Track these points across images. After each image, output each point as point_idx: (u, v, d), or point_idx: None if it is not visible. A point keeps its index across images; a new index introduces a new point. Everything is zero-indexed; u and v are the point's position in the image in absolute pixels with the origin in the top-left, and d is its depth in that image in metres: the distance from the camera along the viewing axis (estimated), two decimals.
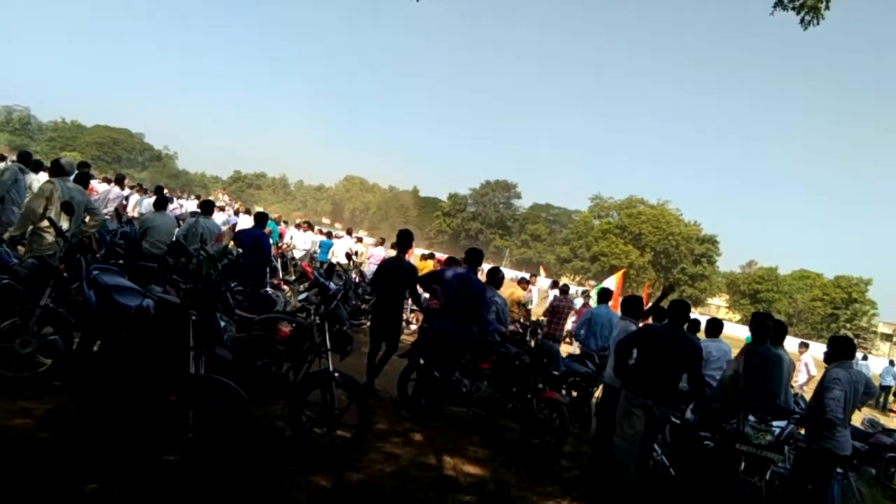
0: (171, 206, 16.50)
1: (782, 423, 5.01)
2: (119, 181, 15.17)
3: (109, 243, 8.69)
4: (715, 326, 9.04)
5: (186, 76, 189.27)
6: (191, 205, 21.04)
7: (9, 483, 3.54)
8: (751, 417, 5.02)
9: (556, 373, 7.08)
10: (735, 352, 6.74)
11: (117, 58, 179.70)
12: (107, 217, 10.94)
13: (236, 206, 27.79)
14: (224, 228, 12.02)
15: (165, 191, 25.52)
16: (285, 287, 11.22)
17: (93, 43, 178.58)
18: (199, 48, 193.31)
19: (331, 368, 5.08)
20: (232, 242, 10.22)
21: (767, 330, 6.09)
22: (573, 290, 17.03)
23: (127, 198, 15.32)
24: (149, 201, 13.31)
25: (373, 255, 15.88)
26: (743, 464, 4.98)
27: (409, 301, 9.89)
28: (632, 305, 7.20)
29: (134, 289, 4.58)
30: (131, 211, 14.85)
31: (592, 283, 18.22)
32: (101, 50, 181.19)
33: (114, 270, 4.92)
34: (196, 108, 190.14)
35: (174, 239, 8.87)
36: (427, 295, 9.71)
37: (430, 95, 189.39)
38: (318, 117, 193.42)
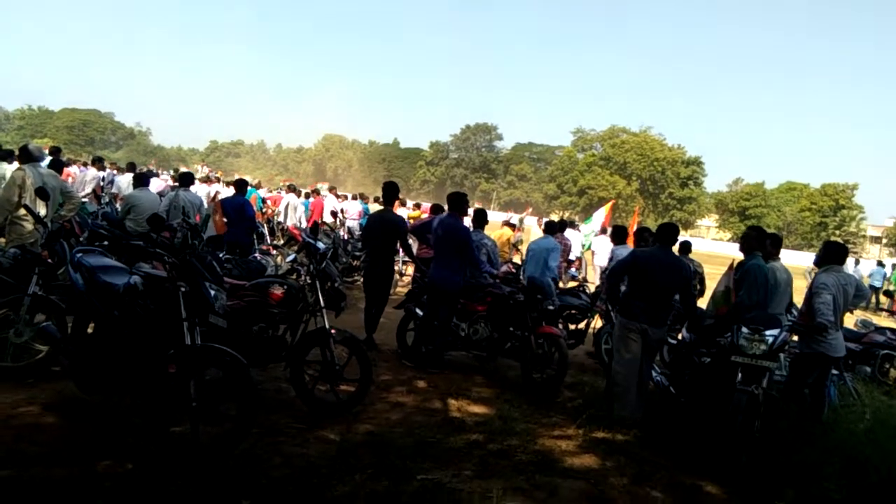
0: (158, 183, 16.31)
1: (775, 332, 5.09)
2: (97, 162, 14.92)
3: (91, 225, 8.61)
4: (684, 247, 9.23)
5: (148, 49, 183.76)
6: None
7: (21, 469, 3.58)
8: (744, 329, 5.09)
9: (551, 307, 7.15)
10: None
11: (75, 37, 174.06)
12: (84, 200, 10.81)
13: (217, 174, 27.43)
14: (205, 200, 11.88)
15: (152, 166, 25.10)
16: (275, 251, 11.19)
17: (46, 24, 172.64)
18: (157, 17, 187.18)
19: (327, 326, 5.12)
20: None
21: (751, 241, 6.15)
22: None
23: (111, 180, 15.08)
24: (122, 179, 13.10)
25: (347, 210, 15.75)
26: (740, 375, 5.08)
27: (402, 252, 9.91)
28: (620, 234, 7.25)
29: (120, 267, 4.56)
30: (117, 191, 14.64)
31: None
32: (58, 30, 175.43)
33: (97, 251, 4.88)
34: (162, 80, 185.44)
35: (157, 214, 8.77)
36: (417, 244, 9.73)
37: (400, 45, 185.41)
38: (289, 76, 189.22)
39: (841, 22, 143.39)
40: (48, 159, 8.25)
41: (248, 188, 12.52)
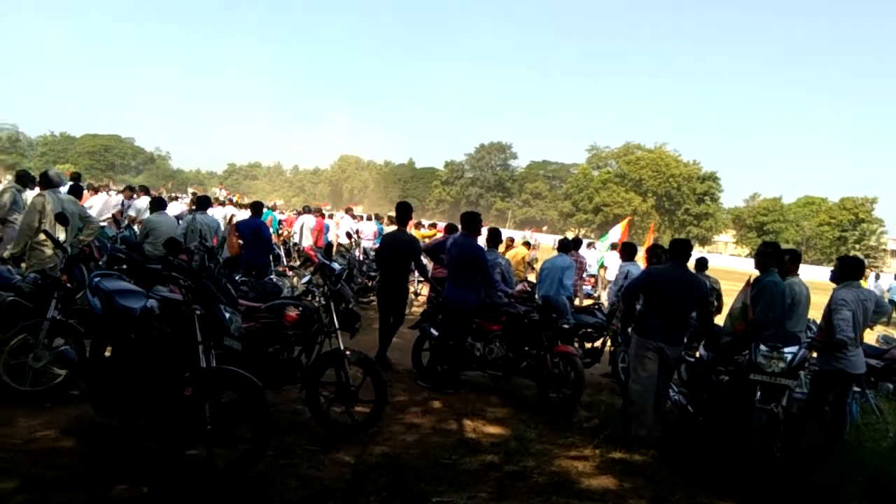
0: (178, 206, 16.46)
1: (794, 349, 5.02)
2: (127, 190, 15.03)
3: (111, 250, 8.72)
4: (700, 263, 9.25)
5: (167, 73, 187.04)
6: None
7: (39, 493, 3.60)
8: (762, 347, 5.02)
9: (566, 326, 7.11)
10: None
11: (97, 65, 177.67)
12: (104, 224, 10.95)
13: (234, 198, 27.72)
14: (222, 222, 12.00)
15: (163, 191, 25.48)
16: (290, 273, 11.26)
17: (69, 53, 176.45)
18: (175, 42, 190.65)
19: (342, 347, 5.13)
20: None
21: (766, 258, 6.08)
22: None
23: (123, 204, 15.25)
24: (139, 202, 13.26)
25: (363, 230, 15.82)
26: (759, 393, 5.00)
27: (417, 272, 9.93)
28: (629, 250, 7.25)
29: (137, 291, 4.62)
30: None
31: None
32: (81, 59, 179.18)
33: (115, 275, 4.96)
34: (182, 105, 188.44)
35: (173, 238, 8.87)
36: (432, 264, 9.74)
37: (414, 65, 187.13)
38: (305, 98, 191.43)
39: (855, 34, 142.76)
40: (68, 185, 8.40)
41: (265, 210, 12.66)
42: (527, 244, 15.22)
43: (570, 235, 23.14)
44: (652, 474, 4.91)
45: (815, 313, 6.46)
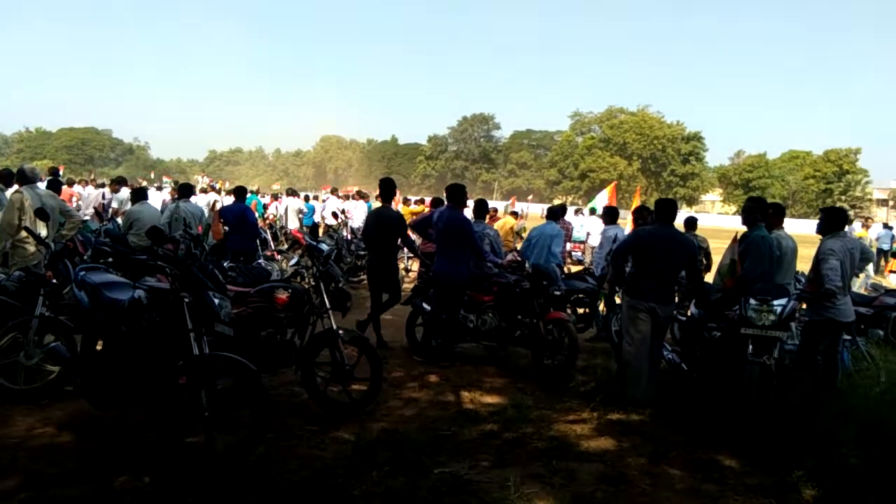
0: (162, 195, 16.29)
1: (783, 301, 5.08)
2: (115, 184, 14.72)
3: (95, 243, 8.63)
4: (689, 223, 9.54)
5: (141, 63, 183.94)
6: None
7: (40, 490, 3.60)
8: (752, 301, 5.08)
9: (557, 293, 7.13)
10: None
11: (69, 56, 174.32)
12: (86, 218, 10.83)
13: (218, 185, 27.45)
14: (206, 210, 11.88)
15: (144, 182, 25.22)
16: (279, 257, 11.20)
17: (37, 44, 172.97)
18: (147, 30, 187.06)
19: (334, 327, 5.13)
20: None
21: (752, 213, 6.11)
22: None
23: (104, 196, 15.04)
24: (120, 194, 13.11)
25: (349, 210, 15.74)
26: (751, 346, 5.06)
27: (405, 249, 9.91)
28: (611, 214, 7.29)
29: (124, 282, 4.57)
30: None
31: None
32: (50, 50, 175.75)
33: (101, 269, 4.91)
34: (158, 93, 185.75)
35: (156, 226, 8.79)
36: (420, 240, 9.72)
37: (391, 41, 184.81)
38: (283, 79, 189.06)
39: None
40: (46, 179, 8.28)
41: (249, 194, 12.54)
42: (514, 214, 15.22)
43: (557, 203, 23.11)
44: (649, 433, 4.96)
45: (804, 266, 6.51)
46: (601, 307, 8.66)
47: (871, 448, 4.26)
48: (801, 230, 23.49)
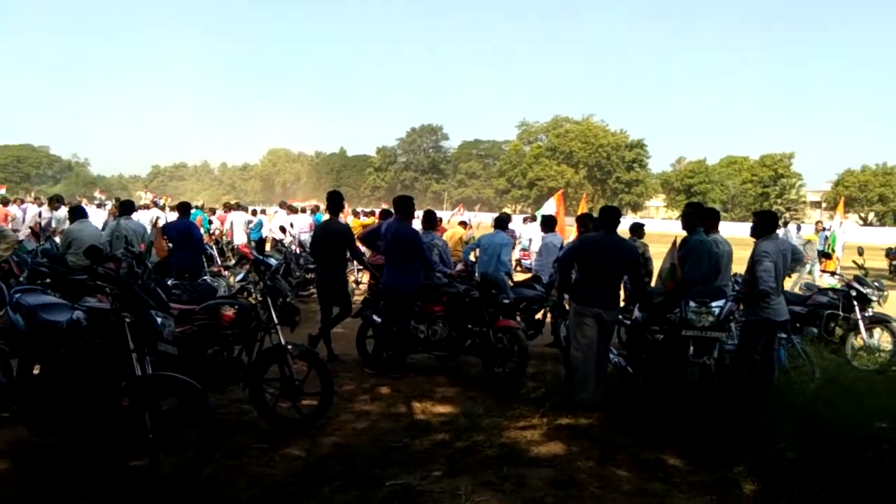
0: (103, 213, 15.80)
1: (720, 303, 5.27)
2: (53, 202, 14.20)
3: (32, 264, 8.35)
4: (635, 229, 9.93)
5: (79, 78, 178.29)
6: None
7: None
8: (691, 303, 5.25)
9: (506, 301, 7.22)
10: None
11: None
12: (22, 238, 10.46)
13: (162, 201, 26.73)
14: (149, 226, 11.60)
15: (84, 200, 24.41)
16: (226, 272, 11.00)
17: None
18: (87, 48, 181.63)
19: (283, 342, 5.08)
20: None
21: (691, 218, 6.34)
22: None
23: (40, 215, 14.52)
24: (58, 213, 12.71)
25: (295, 223, 15.56)
26: (692, 348, 5.23)
27: (354, 261, 9.87)
28: (549, 222, 7.51)
29: (61, 304, 4.45)
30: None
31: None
32: None
33: (38, 290, 4.76)
34: (97, 108, 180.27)
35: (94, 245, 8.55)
36: (369, 252, 9.69)
37: (336, 52, 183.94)
38: (227, 92, 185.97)
39: None
40: None
41: (194, 209, 12.31)
42: (463, 224, 15.32)
43: (507, 212, 23.29)
44: (598, 436, 5.07)
45: (739, 268, 6.75)
46: (544, 316, 8.79)
47: (806, 443, 4.43)
48: (741, 233, 24.28)
